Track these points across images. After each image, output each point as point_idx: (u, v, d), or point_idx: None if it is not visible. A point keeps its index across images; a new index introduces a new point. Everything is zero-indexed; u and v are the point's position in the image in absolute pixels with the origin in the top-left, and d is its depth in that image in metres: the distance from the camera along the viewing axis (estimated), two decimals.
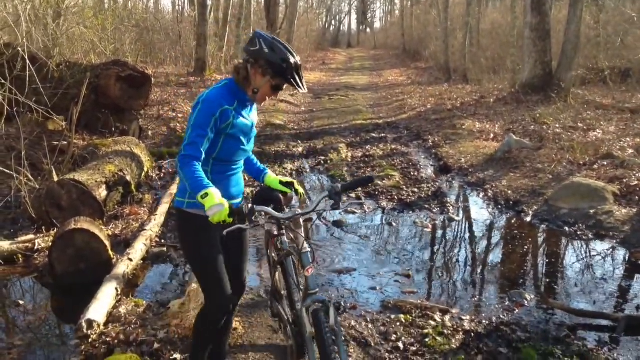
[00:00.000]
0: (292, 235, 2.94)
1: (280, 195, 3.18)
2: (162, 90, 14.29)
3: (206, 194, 2.52)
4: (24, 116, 7.48)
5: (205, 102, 2.75)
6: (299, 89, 2.80)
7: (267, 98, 2.90)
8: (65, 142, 7.46)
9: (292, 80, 2.77)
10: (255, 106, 3.01)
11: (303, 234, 2.88)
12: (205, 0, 18.86)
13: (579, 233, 6.06)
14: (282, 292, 3.29)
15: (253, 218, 2.63)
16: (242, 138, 2.87)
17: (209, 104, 2.73)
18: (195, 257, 2.93)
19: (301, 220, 2.95)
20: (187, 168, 2.64)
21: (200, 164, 2.68)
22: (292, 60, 2.74)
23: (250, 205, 2.62)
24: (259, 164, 3.33)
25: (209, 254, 2.85)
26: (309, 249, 2.81)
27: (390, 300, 4.53)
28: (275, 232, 3.02)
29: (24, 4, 8.49)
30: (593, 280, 4.98)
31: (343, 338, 3.89)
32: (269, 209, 2.81)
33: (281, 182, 3.22)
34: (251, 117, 2.97)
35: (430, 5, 31.62)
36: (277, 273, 3.28)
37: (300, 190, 3.30)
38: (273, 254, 3.26)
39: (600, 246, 5.78)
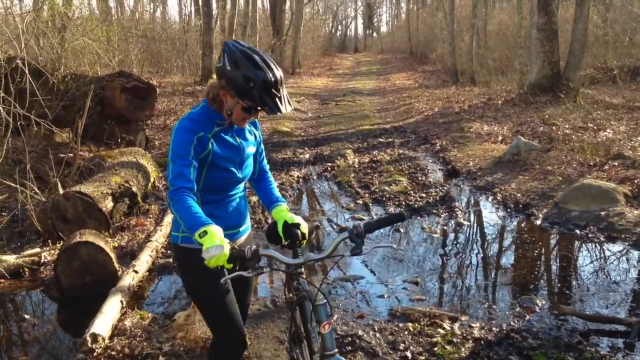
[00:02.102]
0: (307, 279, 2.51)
1: (299, 231, 2.66)
2: (169, 99, 14.33)
3: (205, 232, 2.15)
4: (30, 129, 7.49)
5: (179, 130, 2.42)
6: (270, 111, 2.35)
7: (245, 120, 2.51)
8: (71, 154, 7.47)
9: (260, 102, 2.33)
10: (248, 127, 2.66)
11: (318, 282, 2.44)
12: (211, 9, 18.97)
13: (590, 236, 5.96)
14: (303, 335, 2.74)
15: (257, 264, 2.22)
16: (229, 167, 2.54)
17: (183, 133, 2.40)
18: (199, 297, 2.64)
19: (316, 265, 2.50)
20: (179, 204, 2.28)
21: (194, 196, 2.35)
22: (261, 77, 2.29)
23: (254, 248, 2.21)
24: (275, 192, 2.87)
25: (214, 291, 2.54)
26: (324, 301, 2.38)
27: (398, 308, 4.46)
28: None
29: (27, 17, 8.51)
30: (605, 284, 4.89)
31: (351, 348, 3.86)
32: (276, 254, 2.34)
33: (285, 223, 2.67)
34: (240, 140, 2.59)
35: (437, 7, 31.57)
36: (296, 313, 2.76)
37: (305, 232, 2.70)
38: (291, 294, 2.84)
39: (612, 249, 5.68)
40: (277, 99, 2.33)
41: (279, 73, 2.35)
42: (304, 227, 2.69)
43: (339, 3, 72.85)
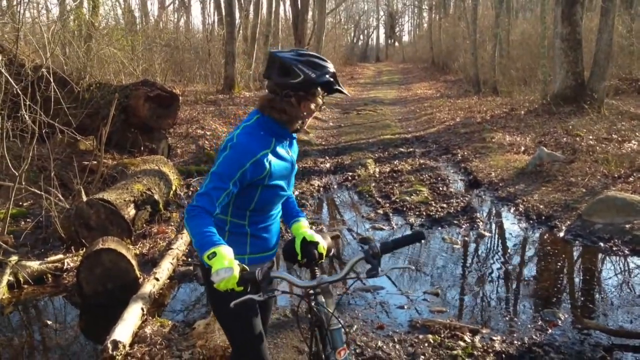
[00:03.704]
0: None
1: (316, 251, 2.58)
2: (191, 108, 14.44)
3: (214, 254, 2.07)
4: (55, 137, 7.61)
5: (235, 148, 2.29)
6: (346, 93, 2.54)
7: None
8: (95, 162, 7.56)
9: (341, 88, 2.43)
10: (295, 138, 2.59)
11: (333, 305, 2.33)
12: (234, 18, 19.11)
13: (614, 249, 5.86)
14: (323, 356, 2.56)
15: (270, 286, 2.13)
16: (281, 184, 2.47)
17: (239, 153, 2.28)
18: (225, 321, 2.54)
19: (330, 287, 2.36)
20: (194, 220, 2.20)
21: (212, 218, 2.25)
22: (331, 67, 2.37)
23: (265, 269, 2.11)
24: (294, 205, 2.79)
25: (240, 318, 2.45)
26: (339, 325, 2.27)
27: (419, 319, 4.43)
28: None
29: (54, 27, 8.67)
30: (630, 298, 4.80)
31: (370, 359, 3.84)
32: (288, 276, 2.25)
33: (304, 240, 2.60)
34: (291, 153, 2.55)
35: (459, 17, 31.46)
36: (316, 333, 2.60)
37: (323, 252, 2.63)
38: (309, 314, 2.64)
39: (636, 262, 5.58)
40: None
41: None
42: (322, 247, 2.61)
43: (361, 13, 73.12)
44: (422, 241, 2.41)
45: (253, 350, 2.49)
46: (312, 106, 2.40)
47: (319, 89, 2.37)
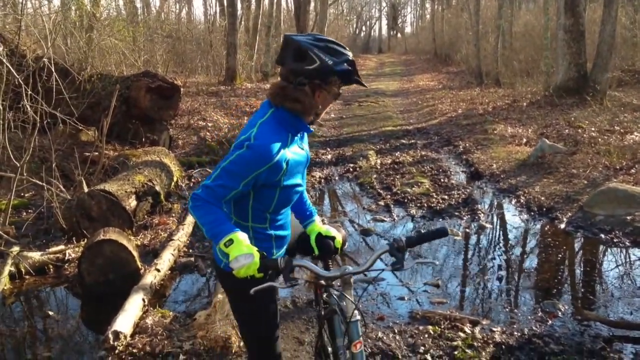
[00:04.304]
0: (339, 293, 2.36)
1: (331, 242, 2.57)
2: (193, 99, 14.44)
3: (231, 240, 2.01)
4: (56, 128, 7.62)
5: (253, 149, 2.12)
6: (361, 85, 2.34)
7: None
8: (96, 153, 7.57)
9: (359, 78, 2.25)
10: (311, 131, 2.44)
11: (352, 298, 2.28)
12: (236, 9, 19.08)
13: (615, 240, 5.86)
14: (329, 350, 2.64)
15: (291, 275, 2.05)
16: (298, 179, 2.36)
17: (257, 155, 2.11)
18: (243, 320, 2.47)
19: (352, 279, 2.31)
20: (202, 210, 2.13)
21: (219, 207, 2.15)
22: (350, 55, 2.20)
23: (287, 258, 2.06)
24: (309, 204, 2.69)
25: (258, 317, 2.38)
26: (358, 317, 2.24)
27: (419, 310, 4.44)
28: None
29: (55, 17, 8.66)
30: (630, 289, 4.80)
31: (370, 350, 3.85)
32: (312, 265, 2.20)
33: (319, 235, 2.58)
34: (305, 146, 2.43)
35: (462, 8, 31.32)
36: (324, 327, 2.63)
37: (339, 246, 2.62)
38: (320, 307, 2.66)
39: (637, 254, 5.57)
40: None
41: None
42: (339, 242, 2.60)
43: (363, 4, 72.86)
44: (445, 236, 2.33)
45: (270, 344, 2.44)
46: (328, 96, 2.24)
47: (336, 77, 2.18)
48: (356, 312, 2.24)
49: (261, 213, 2.31)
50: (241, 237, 2.03)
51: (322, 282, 2.34)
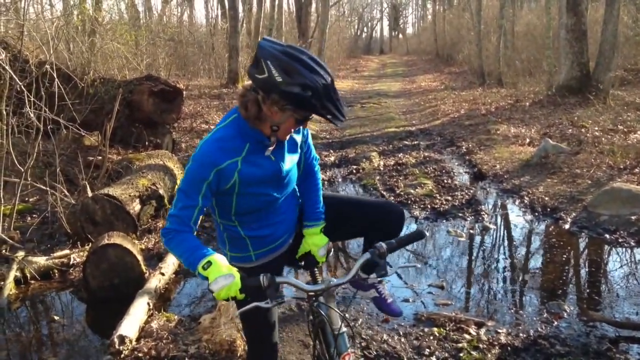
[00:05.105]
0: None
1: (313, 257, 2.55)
2: (195, 102, 14.47)
3: (209, 263, 1.93)
4: (60, 133, 7.63)
5: (196, 161, 2.07)
6: (334, 119, 2.02)
7: (292, 131, 2.16)
8: (100, 157, 7.59)
9: (323, 111, 1.98)
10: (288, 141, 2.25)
11: (335, 308, 2.25)
12: (237, 12, 19.09)
13: (620, 240, 5.85)
14: (326, 356, 2.56)
15: (277, 292, 1.98)
16: (263, 190, 2.21)
17: (200, 165, 2.06)
18: (245, 319, 2.48)
19: (335, 292, 2.29)
20: (172, 243, 2.07)
21: (192, 233, 2.10)
22: (319, 82, 1.93)
23: (270, 276, 1.96)
24: (318, 204, 2.52)
25: (258, 319, 2.39)
26: (345, 329, 2.22)
27: (424, 312, 4.43)
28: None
29: (57, 22, 8.68)
30: (636, 290, 4.79)
31: (375, 353, 3.85)
32: (295, 280, 2.14)
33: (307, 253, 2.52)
34: (279, 156, 2.22)
35: (463, 8, 31.33)
36: (319, 336, 2.57)
37: (322, 260, 2.54)
38: (311, 316, 2.59)
39: None
40: (338, 104, 2.02)
41: (329, 71, 2.00)
42: (322, 258, 2.54)
43: (365, 5, 72.93)
44: (422, 239, 2.28)
45: (267, 355, 2.48)
46: (282, 115, 2.03)
47: (278, 97, 1.96)
48: (342, 324, 2.22)
49: (226, 214, 2.26)
50: (219, 259, 1.95)
51: (308, 297, 2.27)
